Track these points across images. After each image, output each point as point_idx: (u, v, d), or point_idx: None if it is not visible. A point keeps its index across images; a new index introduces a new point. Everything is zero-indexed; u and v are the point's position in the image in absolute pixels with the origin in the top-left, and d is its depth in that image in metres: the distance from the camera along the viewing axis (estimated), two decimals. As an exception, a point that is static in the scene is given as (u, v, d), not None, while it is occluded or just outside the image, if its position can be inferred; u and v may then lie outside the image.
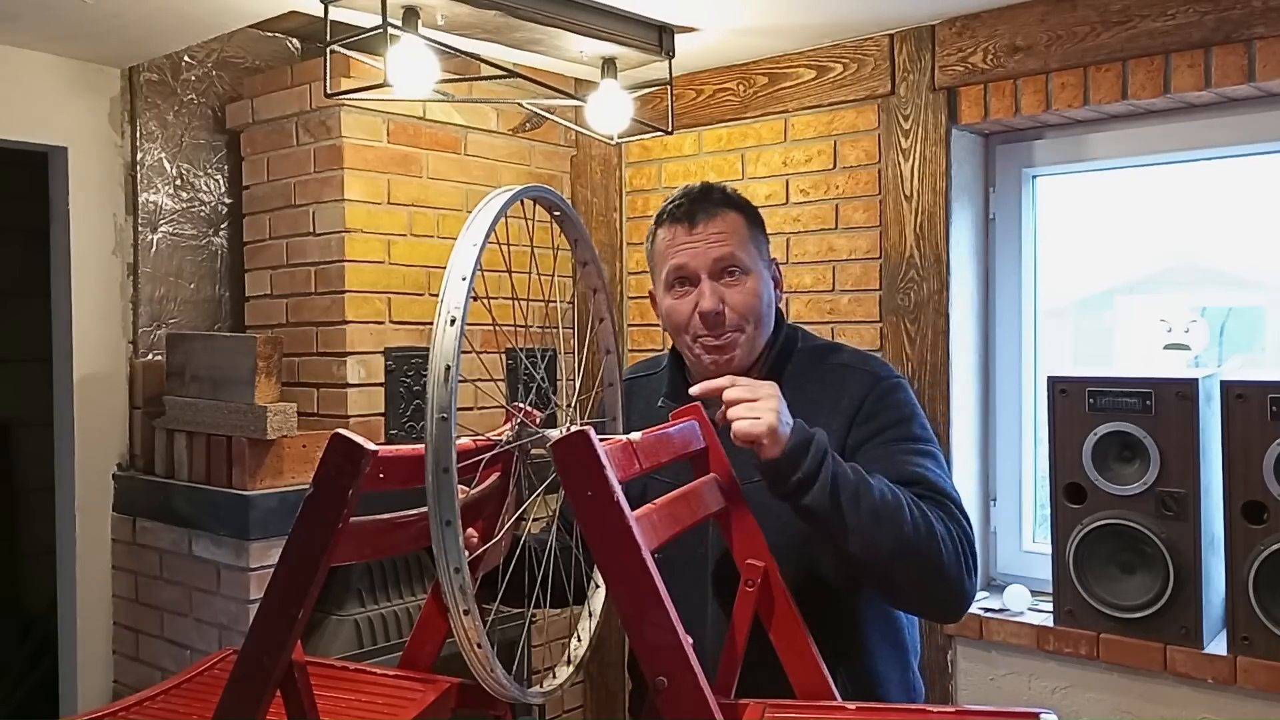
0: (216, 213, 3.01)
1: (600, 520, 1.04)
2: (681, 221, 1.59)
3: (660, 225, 1.62)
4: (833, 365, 1.63)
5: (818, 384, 1.59)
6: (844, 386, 1.58)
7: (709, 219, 1.58)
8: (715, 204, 1.60)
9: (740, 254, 1.58)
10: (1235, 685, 2.21)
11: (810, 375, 1.61)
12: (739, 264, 1.57)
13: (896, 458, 1.51)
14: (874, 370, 1.61)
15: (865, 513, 1.37)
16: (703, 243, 1.57)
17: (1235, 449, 2.19)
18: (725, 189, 1.64)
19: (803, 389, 1.58)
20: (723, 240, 1.57)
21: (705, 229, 1.57)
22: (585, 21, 2.43)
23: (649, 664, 1.04)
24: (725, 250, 1.57)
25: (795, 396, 1.54)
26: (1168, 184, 2.64)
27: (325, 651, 2.50)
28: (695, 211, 1.58)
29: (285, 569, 1.04)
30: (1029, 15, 2.46)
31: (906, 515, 1.40)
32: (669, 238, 1.60)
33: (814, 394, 1.58)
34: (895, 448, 1.52)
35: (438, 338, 1.00)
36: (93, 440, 2.81)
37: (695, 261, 1.57)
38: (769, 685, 1.36)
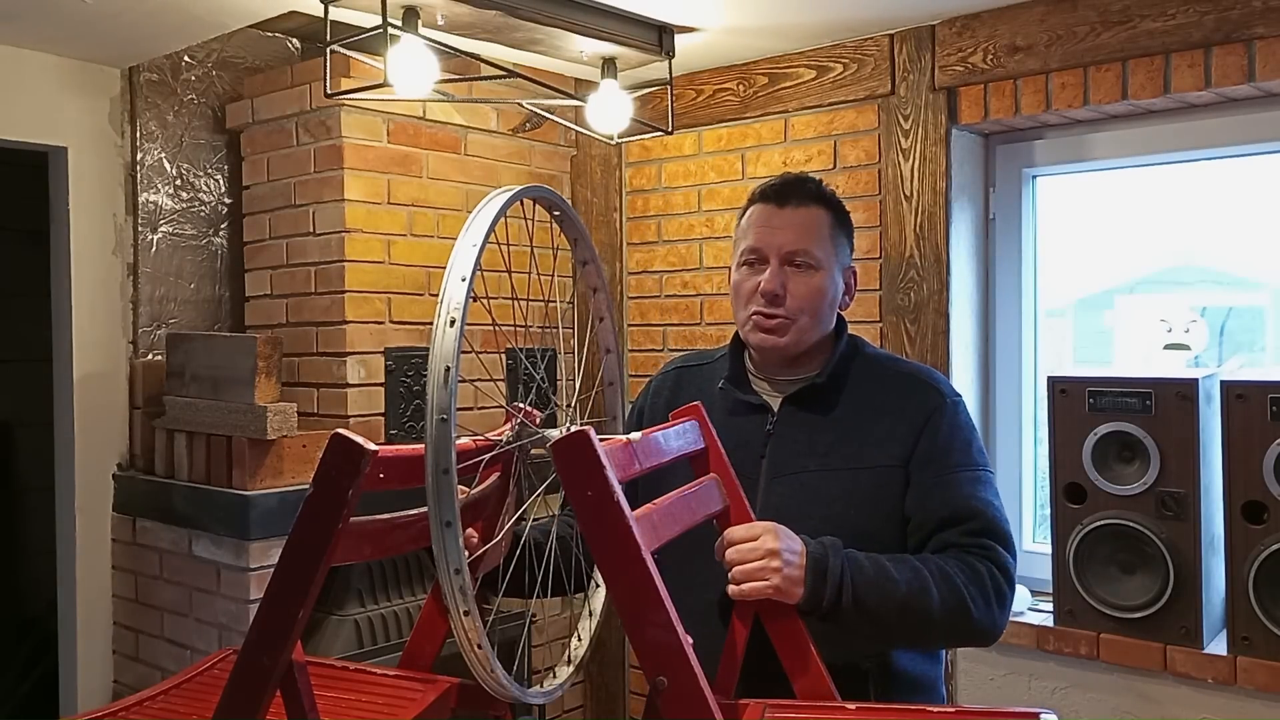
0: (216, 213, 3.01)
1: (600, 520, 1.04)
2: (770, 202, 1.63)
3: (752, 203, 1.66)
4: (897, 373, 1.67)
5: (882, 390, 1.62)
6: (909, 396, 1.61)
7: (796, 207, 1.62)
8: (807, 195, 1.63)
9: (814, 249, 1.60)
10: (1235, 685, 2.21)
11: (873, 381, 1.64)
12: (810, 258, 1.60)
13: (960, 486, 1.55)
14: (939, 385, 1.64)
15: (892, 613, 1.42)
16: (782, 228, 1.61)
17: (1235, 449, 2.19)
18: (821, 184, 1.67)
19: (868, 394, 1.62)
20: (800, 230, 1.61)
21: (789, 216, 1.61)
22: (585, 21, 2.43)
23: (649, 664, 1.04)
24: (800, 242, 1.60)
25: (859, 401, 1.61)
26: (1168, 184, 2.64)
27: (325, 651, 2.50)
28: (786, 196, 1.62)
29: (285, 569, 1.04)
30: (1029, 15, 2.46)
31: (934, 597, 1.44)
32: (756, 215, 1.64)
33: (878, 399, 1.61)
34: (960, 475, 1.56)
35: (437, 338, 1.00)
36: (93, 440, 2.81)
37: (769, 244, 1.60)
38: (769, 685, 1.37)
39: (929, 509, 1.53)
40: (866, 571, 1.42)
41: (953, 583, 1.46)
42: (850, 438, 1.59)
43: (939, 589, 1.44)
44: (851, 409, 1.61)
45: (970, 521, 1.52)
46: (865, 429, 1.59)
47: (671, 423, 1.38)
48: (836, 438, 1.59)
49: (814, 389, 1.62)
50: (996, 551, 1.52)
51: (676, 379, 1.78)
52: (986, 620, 1.49)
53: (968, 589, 1.46)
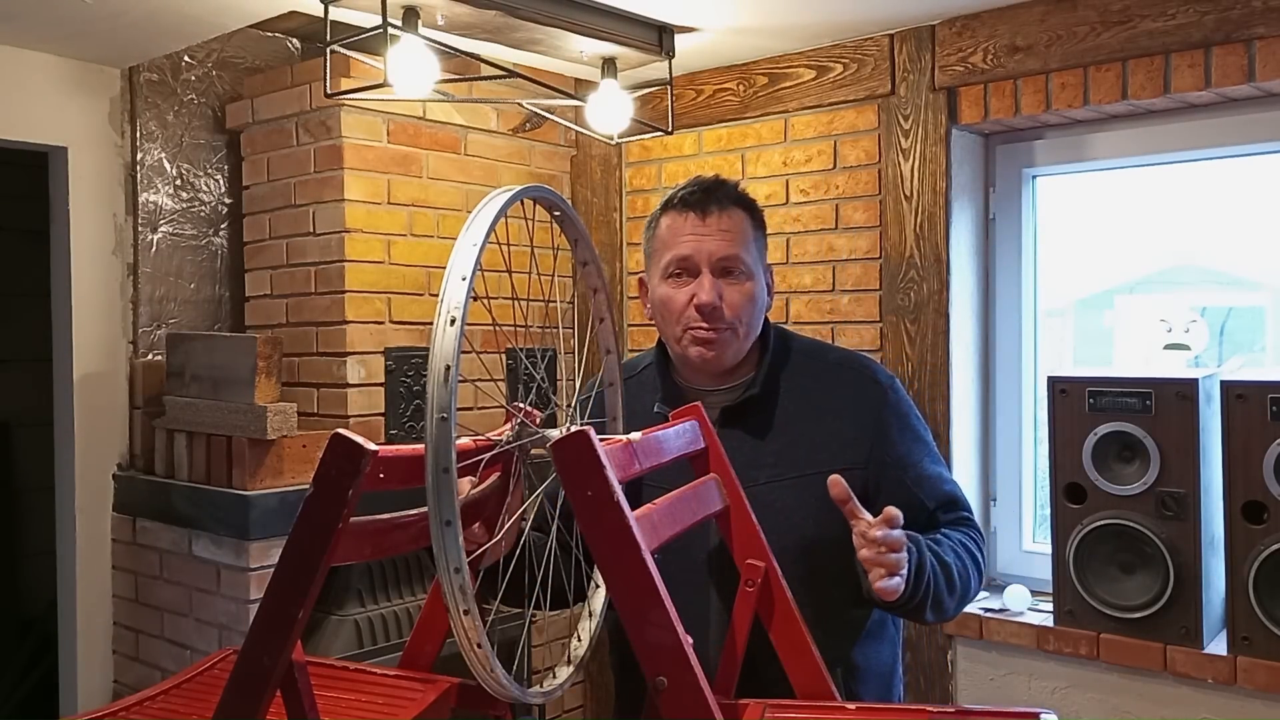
0: (216, 213, 3.01)
1: (600, 520, 1.04)
2: (692, 210, 1.56)
3: (667, 211, 1.60)
4: (829, 365, 1.64)
5: (818, 387, 1.60)
6: (850, 391, 1.60)
7: (720, 213, 1.56)
8: (728, 199, 1.58)
9: (744, 255, 1.56)
10: (1235, 685, 2.21)
11: (808, 378, 1.61)
12: (742, 265, 1.56)
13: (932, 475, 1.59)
14: (875, 374, 1.63)
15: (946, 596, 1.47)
16: (710, 236, 1.55)
17: (1235, 449, 2.19)
18: (737, 185, 1.62)
19: (805, 394, 1.59)
20: (730, 238, 1.56)
21: (714, 223, 1.56)
22: (585, 21, 2.43)
23: (649, 664, 1.04)
24: (731, 250, 1.55)
25: (798, 403, 1.58)
26: (1168, 184, 2.64)
27: (325, 651, 2.49)
28: (707, 203, 1.56)
29: (285, 569, 1.04)
30: (1029, 15, 2.46)
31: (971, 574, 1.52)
32: (676, 225, 1.57)
33: (816, 398, 1.59)
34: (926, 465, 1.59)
35: (437, 337, 1.00)
36: (93, 440, 2.81)
37: (699, 254, 1.55)
38: (769, 685, 1.37)
39: (914, 506, 1.53)
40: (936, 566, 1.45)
41: (975, 557, 1.54)
42: (797, 444, 1.56)
43: (968, 564, 1.52)
44: (792, 413, 1.58)
45: (950, 508, 1.59)
46: (810, 432, 1.57)
47: (671, 423, 1.38)
48: (782, 445, 1.56)
49: (751, 400, 1.58)
50: (974, 522, 1.61)
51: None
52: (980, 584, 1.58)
53: (976, 559, 1.55)
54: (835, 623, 1.53)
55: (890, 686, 1.65)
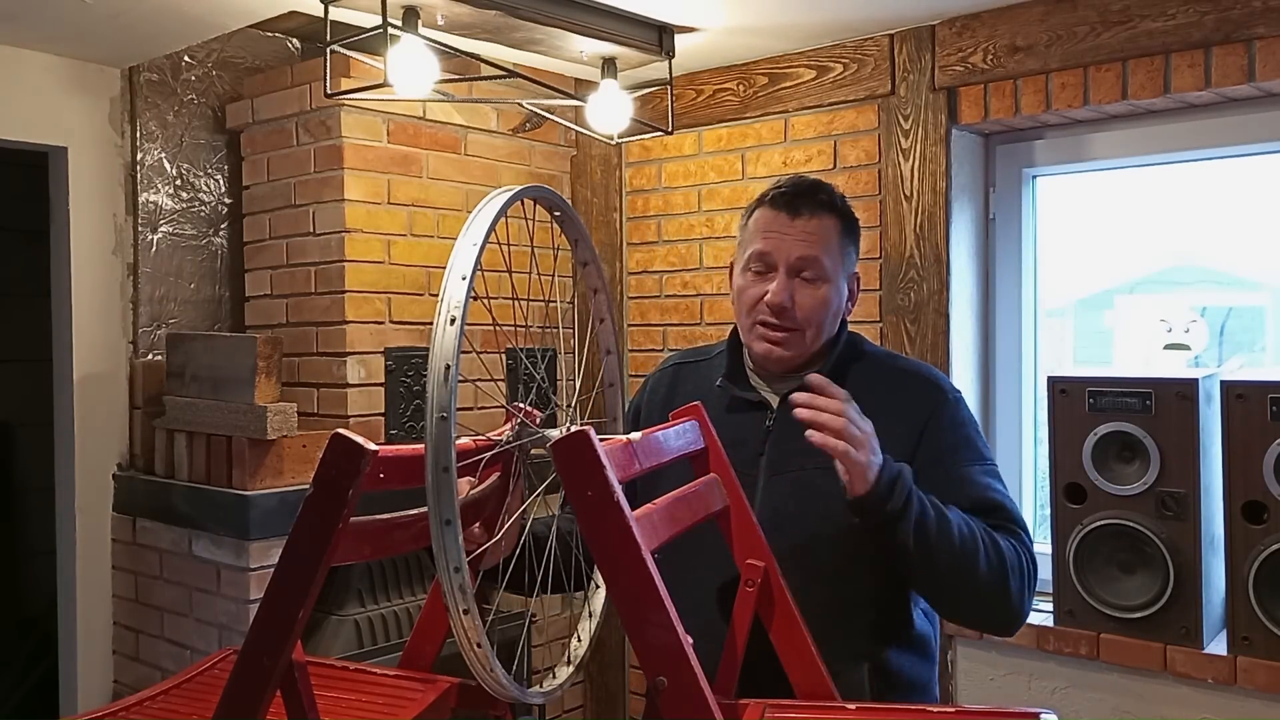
0: (216, 213, 3.01)
1: (600, 520, 1.04)
2: (781, 209, 1.59)
3: (761, 205, 1.63)
4: (896, 370, 1.67)
5: (882, 387, 1.62)
6: (909, 393, 1.62)
7: (809, 216, 1.59)
8: (819, 204, 1.60)
9: (824, 259, 1.58)
10: (1235, 685, 2.21)
11: (874, 379, 1.63)
12: (819, 269, 1.58)
13: (976, 480, 1.55)
14: (939, 381, 1.65)
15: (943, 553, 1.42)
16: (793, 236, 1.58)
17: (1235, 449, 2.19)
18: (833, 191, 1.64)
19: (867, 391, 1.59)
20: (812, 241, 1.58)
21: (801, 224, 1.58)
22: (585, 21, 2.43)
23: (649, 664, 1.04)
24: (811, 252, 1.58)
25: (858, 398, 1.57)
26: (1168, 184, 2.64)
27: (325, 651, 2.50)
28: (798, 203, 1.59)
29: (285, 569, 1.04)
30: (1029, 15, 2.46)
31: (982, 552, 1.45)
32: (764, 220, 1.61)
33: (877, 396, 1.59)
34: (972, 469, 1.57)
35: (437, 337, 1.00)
36: (93, 440, 2.81)
37: (779, 252, 1.58)
38: (769, 685, 1.37)
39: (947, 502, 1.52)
40: (926, 502, 1.43)
41: (998, 546, 1.47)
42: None
43: (985, 545, 1.46)
44: None
45: (994, 513, 1.53)
46: None
47: (671, 422, 1.38)
48: None
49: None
50: (1023, 537, 1.53)
51: (674, 375, 1.77)
52: (1018, 600, 1.49)
53: (1009, 559, 1.48)
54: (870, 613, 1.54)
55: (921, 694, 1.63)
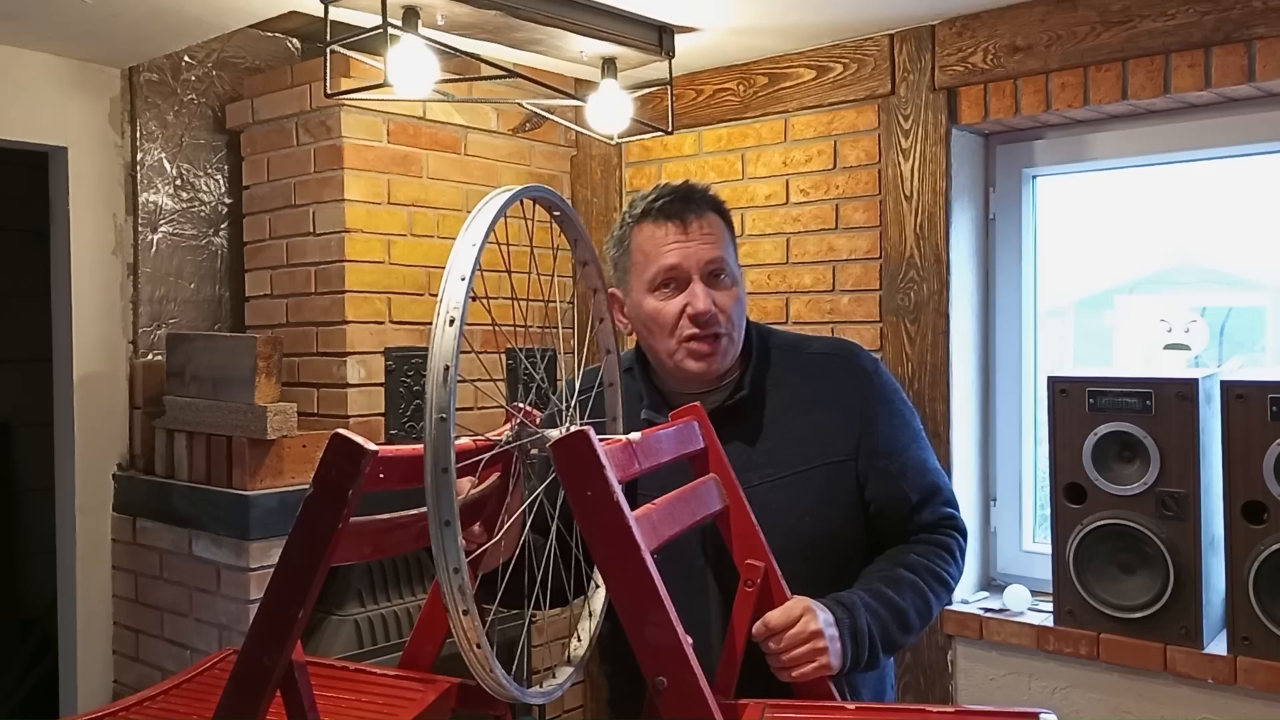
0: (216, 213, 3.01)
1: (600, 520, 1.04)
2: (672, 219, 1.52)
3: (643, 222, 1.55)
4: (812, 357, 1.63)
5: (804, 380, 1.60)
6: (836, 380, 1.59)
7: (699, 218, 1.53)
8: (703, 204, 1.55)
9: (727, 258, 1.55)
10: (1235, 685, 2.21)
11: (793, 372, 1.60)
12: (727, 268, 1.54)
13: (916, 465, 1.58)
14: (858, 359, 1.62)
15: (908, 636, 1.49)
16: (695, 243, 1.52)
17: (1235, 449, 2.19)
18: (706, 188, 1.59)
19: (791, 387, 1.59)
20: (713, 242, 1.53)
21: (696, 229, 1.52)
22: (585, 21, 2.43)
23: (649, 664, 1.04)
24: (716, 253, 1.53)
25: (785, 399, 1.57)
26: (1168, 184, 2.64)
27: (325, 651, 2.49)
28: (686, 210, 1.53)
29: (285, 569, 1.04)
30: (1029, 15, 2.46)
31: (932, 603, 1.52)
32: (657, 235, 1.53)
33: (803, 391, 1.58)
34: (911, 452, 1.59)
35: (437, 337, 1.00)
36: (93, 440, 2.81)
37: (688, 262, 1.51)
38: (769, 685, 1.37)
39: (896, 497, 1.57)
40: (883, 616, 1.45)
41: (940, 576, 1.54)
42: (787, 441, 1.55)
43: (933, 590, 1.53)
44: (780, 410, 1.57)
45: (934, 500, 1.59)
46: (800, 428, 1.56)
47: (671, 423, 1.38)
48: (773, 445, 1.55)
49: (740, 402, 1.56)
50: (956, 519, 1.61)
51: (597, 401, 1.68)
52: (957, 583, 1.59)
53: (948, 570, 1.56)
54: None
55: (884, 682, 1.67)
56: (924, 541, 1.56)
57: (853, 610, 1.42)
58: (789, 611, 1.35)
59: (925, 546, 1.56)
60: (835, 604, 1.41)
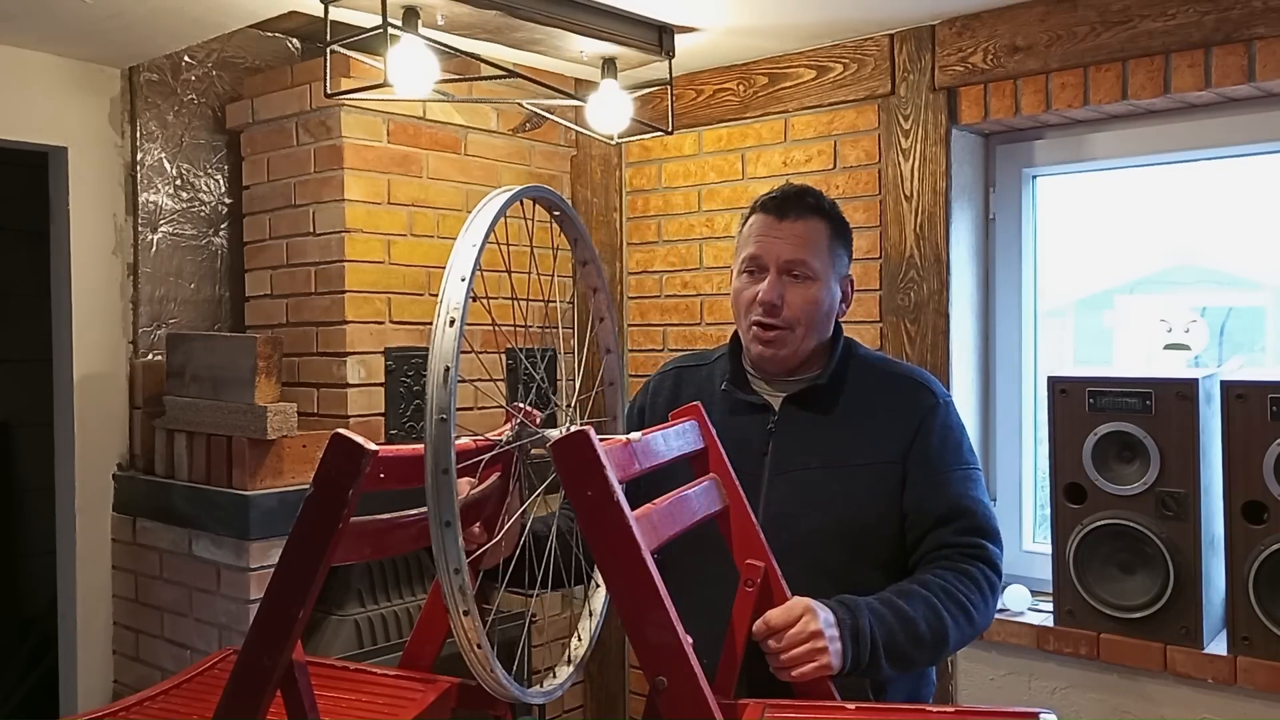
0: (216, 213, 3.01)
1: (600, 520, 1.04)
2: (771, 213, 1.66)
3: (754, 212, 1.69)
4: (890, 374, 1.73)
5: (877, 390, 1.68)
6: (904, 396, 1.67)
7: (796, 219, 1.65)
8: (806, 207, 1.66)
9: (812, 260, 1.64)
10: (1235, 685, 2.21)
11: (869, 381, 1.69)
12: (808, 269, 1.64)
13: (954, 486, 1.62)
14: (931, 386, 1.70)
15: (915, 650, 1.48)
16: (782, 239, 1.64)
17: (1235, 449, 2.19)
18: (821, 197, 1.70)
19: (864, 394, 1.68)
20: (799, 242, 1.64)
21: (789, 227, 1.64)
22: (585, 21, 2.43)
23: (649, 664, 1.04)
24: (798, 254, 1.63)
25: (856, 401, 1.67)
26: (1168, 184, 2.64)
27: (325, 651, 2.49)
28: (786, 207, 1.66)
29: (285, 569, 1.04)
30: (1029, 15, 2.46)
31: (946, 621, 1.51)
32: (757, 225, 1.67)
33: (873, 399, 1.67)
34: (953, 474, 1.63)
35: (437, 338, 1.00)
36: (93, 440, 2.81)
37: (769, 254, 1.64)
38: (769, 685, 1.37)
39: (925, 508, 1.61)
40: (889, 621, 1.46)
41: (958, 600, 1.53)
42: (848, 436, 1.64)
43: (949, 611, 1.52)
44: (849, 408, 1.66)
45: (962, 520, 1.60)
46: (862, 427, 1.64)
47: (671, 423, 1.38)
48: (835, 435, 1.64)
49: (814, 389, 1.67)
50: (986, 549, 1.61)
51: (676, 378, 1.81)
52: (984, 620, 1.59)
53: (970, 598, 1.55)
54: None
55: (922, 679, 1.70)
56: (946, 567, 1.57)
57: (855, 612, 1.43)
58: (790, 611, 1.37)
59: (946, 571, 1.56)
60: (838, 604, 1.42)
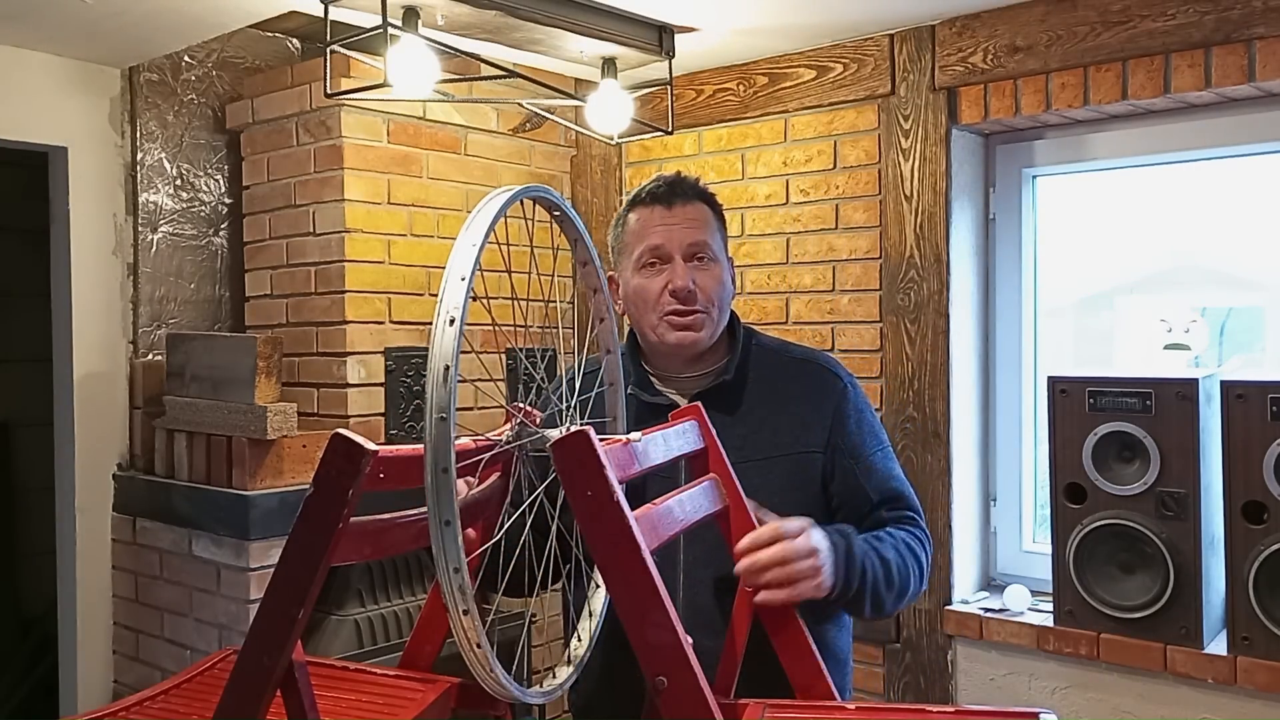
0: (216, 213, 3.01)
1: (600, 520, 1.04)
2: (659, 203, 1.65)
3: (635, 208, 1.68)
4: (793, 360, 1.72)
5: (783, 378, 1.68)
6: (811, 383, 1.68)
7: (685, 203, 1.64)
8: (691, 192, 1.66)
9: (711, 242, 1.64)
10: (1235, 685, 2.21)
11: (773, 369, 1.69)
12: (709, 251, 1.64)
13: (880, 468, 1.65)
14: (836, 370, 1.71)
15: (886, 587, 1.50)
16: (679, 225, 1.63)
17: (1235, 449, 2.19)
18: (697, 180, 1.70)
19: (770, 384, 1.67)
20: (696, 225, 1.64)
21: (681, 212, 1.64)
22: (585, 21, 2.43)
23: (649, 664, 1.04)
24: (699, 235, 1.63)
25: (763, 392, 1.66)
26: (1168, 184, 2.64)
27: (325, 651, 2.49)
28: (672, 196, 1.65)
29: (285, 569, 1.04)
30: (1029, 15, 2.46)
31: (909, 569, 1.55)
32: (645, 218, 1.65)
33: (781, 387, 1.67)
34: (875, 458, 1.66)
35: (437, 337, 1.00)
36: (93, 440, 2.81)
37: (670, 242, 1.62)
38: (769, 685, 1.37)
39: (857, 494, 1.63)
40: (872, 557, 1.49)
41: (915, 555, 1.58)
42: (762, 428, 1.64)
43: (910, 563, 1.56)
44: (757, 400, 1.66)
45: (894, 502, 1.64)
46: (775, 418, 1.64)
47: (671, 423, 1.38)
48: (749, 430, 1.63)
49: (722, 386, 1.65)
50: (920, 523, 1.66)
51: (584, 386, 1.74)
52: (922, 584, 1.62)
53: (920, 558, 1.59)
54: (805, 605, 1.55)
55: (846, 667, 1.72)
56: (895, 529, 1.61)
57: (849, 539, 1.46)
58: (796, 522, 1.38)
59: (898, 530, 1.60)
60: (834, 530, 1.45)
